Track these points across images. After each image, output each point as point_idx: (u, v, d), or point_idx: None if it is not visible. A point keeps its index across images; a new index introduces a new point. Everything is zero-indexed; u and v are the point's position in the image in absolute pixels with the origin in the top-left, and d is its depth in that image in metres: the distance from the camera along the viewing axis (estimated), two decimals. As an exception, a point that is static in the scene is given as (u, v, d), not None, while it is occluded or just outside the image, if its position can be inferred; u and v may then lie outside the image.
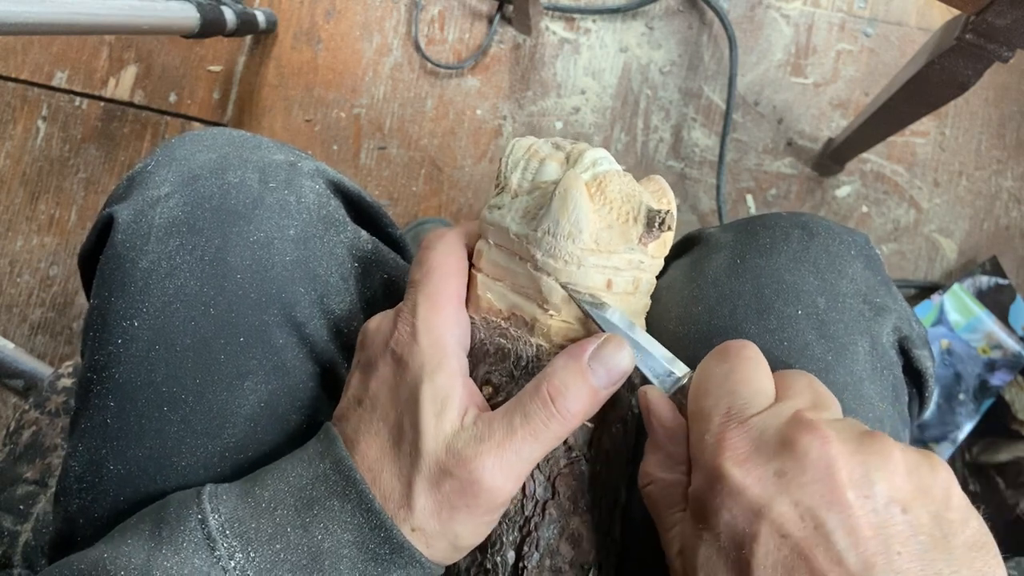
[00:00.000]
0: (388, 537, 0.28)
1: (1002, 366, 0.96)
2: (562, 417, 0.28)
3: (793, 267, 0.37)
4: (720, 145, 1.01)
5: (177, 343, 0.34)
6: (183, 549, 0.28)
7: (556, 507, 0.32)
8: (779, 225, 0.40)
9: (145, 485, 0.33)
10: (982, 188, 1.04)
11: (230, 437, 0.34)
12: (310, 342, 0.36)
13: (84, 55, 1.10)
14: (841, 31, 1.06)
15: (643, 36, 1.06)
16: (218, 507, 0.29)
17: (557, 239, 0.30)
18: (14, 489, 0.64)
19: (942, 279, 1.02)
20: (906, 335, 0.38)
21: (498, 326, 0.32)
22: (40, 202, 1.09)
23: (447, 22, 1.07)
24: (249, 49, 1.09)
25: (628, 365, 0.30)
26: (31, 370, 0.74)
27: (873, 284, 0.38)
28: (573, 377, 0.29)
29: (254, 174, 0.37)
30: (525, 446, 0.28)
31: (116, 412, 0.34)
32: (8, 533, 0.62)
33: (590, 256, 0.30)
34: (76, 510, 0.34)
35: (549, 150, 0.33)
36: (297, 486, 0.29)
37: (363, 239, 0.40)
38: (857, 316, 0.36)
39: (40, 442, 0.66)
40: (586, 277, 0.31)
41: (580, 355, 0.29)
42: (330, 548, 0.28)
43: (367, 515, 0.28)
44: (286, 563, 0.28)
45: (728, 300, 0.37)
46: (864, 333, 0.36)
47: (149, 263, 0.34)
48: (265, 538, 0.28)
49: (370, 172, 1.06)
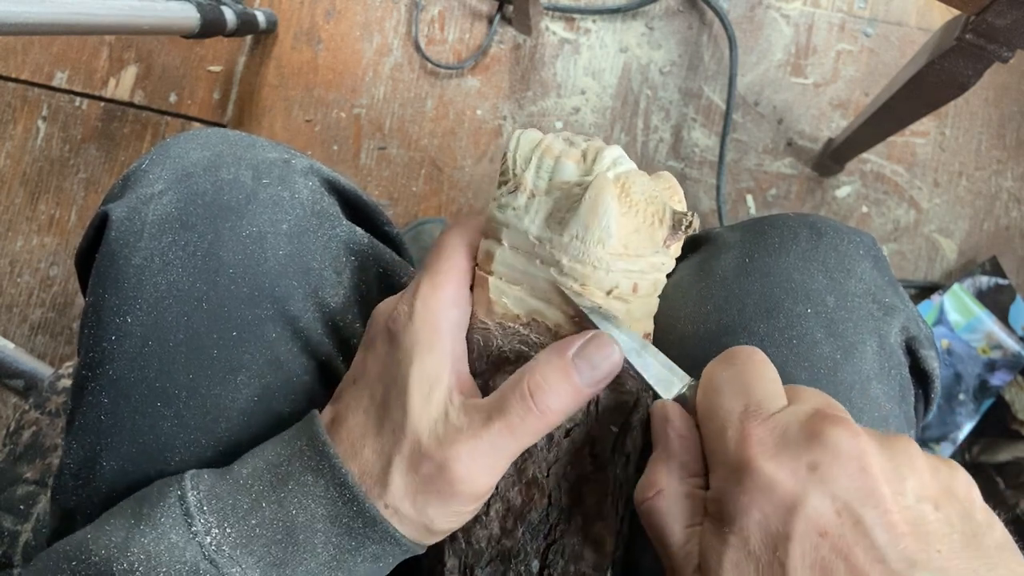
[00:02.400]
0: (361, 511, 0.28)
1: (1002, 366, 0.96)
2: (540, 413, 0.28)
3: (802, 266, 0.37)
4: (720, 145, 1.01)
5: (170, 338, 0.34)
6: (161, 525, 0.28)
7: (581, 514, 0.32)
8: (787, 225, 0.40)
9: (139, 480, 0.33)
10: (982, 188, 1.04)
11: (224, 432, 0.34)
12: (304, 336, 0.36)
13: (84, 55, 1.10)
14: (841, 31, 1.06)
15: (643, 36, 1.06)
16: (198, 485, 0.30)
17: (587, 244, 0.29)
18: (14, 489, 0.64)
19: (942, 279, 1.02)
20: (913, 335, 0.37)
21: (517, 332, 0.31)
22: (40, 202, 1.09)
23: (447, 22, 1.07)
24: (249, 49, 1.09)
25: (615, 364, 0.29)
26: (31, 370, 0.74)
27: (881, 284, 0.38)
28: (555, 373, 0.28)
29: (247, 171, 0.37)
30: (500, 439, 0.28)
31: (110, 408, 0.34)
32: (8, 533, 0.62)
33: (619, 261, 0.29)
34: (72, 506, 0.34)
35: (563, 146, 0.31)
36: (274, 463, 0.30)
37: (358, 235, 0.40)
38: (866, 316, 0.36)
39: (40, 442, 0.66)
40: (613, 282, 0.30)
41: (564, 351, 0.29)
42: (304, 522, 0.28)
43: (340, 489, 0.28)
44: (261, 538, 0.28)
45: (737, 299, 0.37)
46: (873, 333, 0.36)
47: (142, 259, 0.34)
48: (241, 514, 0.29)
49: (370, 172, 1.06)
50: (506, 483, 0.32)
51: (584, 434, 0.32)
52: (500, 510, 0.32)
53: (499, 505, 0.32)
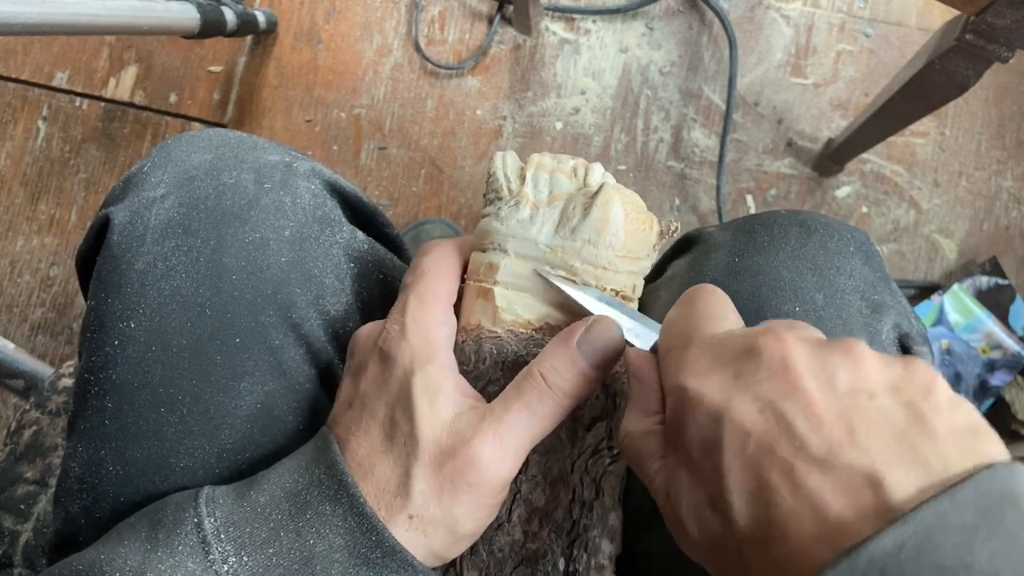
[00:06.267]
0: (380, 541, 0.28)
1: (1002, 366, 0.96)
2: (555, 394, 0.29)
3: (791, 264, 0.37)
4: (720, 145, 1.02)
5: (173, 344, 0.34)
6: (178, 552, 0.28)
7: (600, 506, 0.33)
8: (777, 223, 0.40)
9: (144, 486, 0.33)
10: (982, 188, 1.04)
11: (228, 438, 0.34)
12: (307, 343, 0.36)
13: (84, 55, 1.10)
14: (841, 31, 1.06)
15: (643, 36, 1.06)
16: (214, 511, 0.29)
17: (598, 247, 0.32)
18: (14, 489, 0.64)
19: (942, 279, 1.02)
20: (906, 332, 0.37)
21: (531, 337, 0.32)
22: (40, 202, 1.09)
23: (447, 23, 1.07)
24: (249, 49, 1.09)
25: (616, 342, 0.30)
26: (31, 370, 0.74)
27: (872, 281, 0.38)
28: (563, 359, 0.30)
29: (249, 175, 0.37)
30: (521, 418, 0.29)
31: (114, 413, 0.34)
32: (8, 533, 0.63)
33: (624, 263, 0.33)
34: (77, 511, 0.34)
35: (552, 163, 0.34)
36: (292, 491, 0.30)
37: (359, 239, 0.40)
38: (855, 313, 0.36)
39: (40, 442, 0.66)
40: (620, 282, 0.33)
41: (570, 338, 0.30)
42: (322, 552, 0.28)
43: (358, 519, 0.28)
44: (279, 567, 0.28)
45: None
46: (863, 330, 0.36)
47: (145, 264, 0.34)
48: (259, 543, 0.28)
49: (370, 172, 1.06)
50: (529, 486, 0.33)
51: (605, 427, 0.33)
52: (523, 514, 0.33)
53: (522, 509, 0.33)
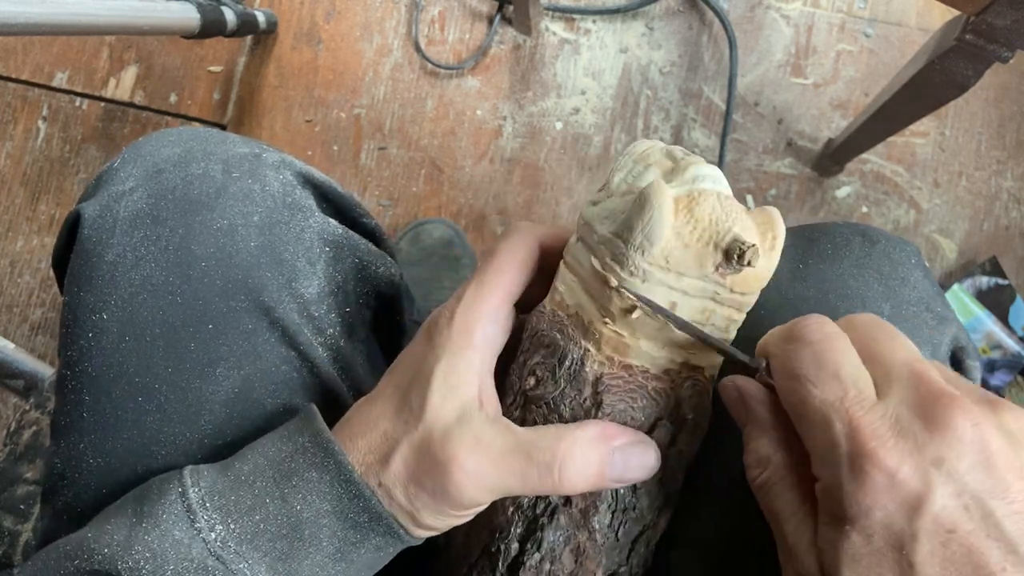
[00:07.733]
0: (366, 507, 0.29)
1: (1002, 366, 0.96)
2: (555, 480, 0.28)
3: (857, 273, 0.37)
4: (720, 145, 1.01)
5: (146, 333, 0.34)
6: (163, 522, 0.28)
7: (566, 516, 0.32)
8: (839, 232, 0.40)
9: (126, 476, 0.34)
10: (982, 188, 1.04)
11: (207, 424, 0.34)
12: (281, 326, 0.36)
13: (84, 55, 1.10)
14: (841, 31, 1.06)
15: (643, 37, 1.06)
16: (198, 481, 0.30)
17: (628, 248, 0.28)
18: (14, 489, 0.64)
19: (942, 279, 1.02)
20: (962, 346, 0.38)
21: (560, 321, 0.31)
22: (40, 202, 1.09)
23: (447, 23, 1.07)
24: (249, 50, 1.09)
25: (648, 472, 0.30)
26: (31, 370, 0.74)
27: (932, 294, 0.38)
28: (590, 456, 0.29)
29: (217, 165, 0.37)
30: (511, 480, 0.28)
31: (91, 406, 0.34)
32: (8, 533, 0.63)
33: (657, 272, 0.29)
34: (62, 506, 0.35)
35: (659, 157, 0.31)
36: (276, 460, 0.30)
37: (332, 226, 0.40)
38: (921, 324, 0.36)
39: (40, 442, 0.66)
40: (649, 293, 0.29)
41: (610, 440, 0.29)
42: (309, 518, 0.29)
43: (346, 485, 0.29)
44: (266, 533, 0.29)
45: (791, 304, 0.37)
46: (927, 342, 0.36)
47: (115, 256, 0.34)
48: (244, 509, 0.29)
49: (370, 172, 1.06)
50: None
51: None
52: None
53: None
